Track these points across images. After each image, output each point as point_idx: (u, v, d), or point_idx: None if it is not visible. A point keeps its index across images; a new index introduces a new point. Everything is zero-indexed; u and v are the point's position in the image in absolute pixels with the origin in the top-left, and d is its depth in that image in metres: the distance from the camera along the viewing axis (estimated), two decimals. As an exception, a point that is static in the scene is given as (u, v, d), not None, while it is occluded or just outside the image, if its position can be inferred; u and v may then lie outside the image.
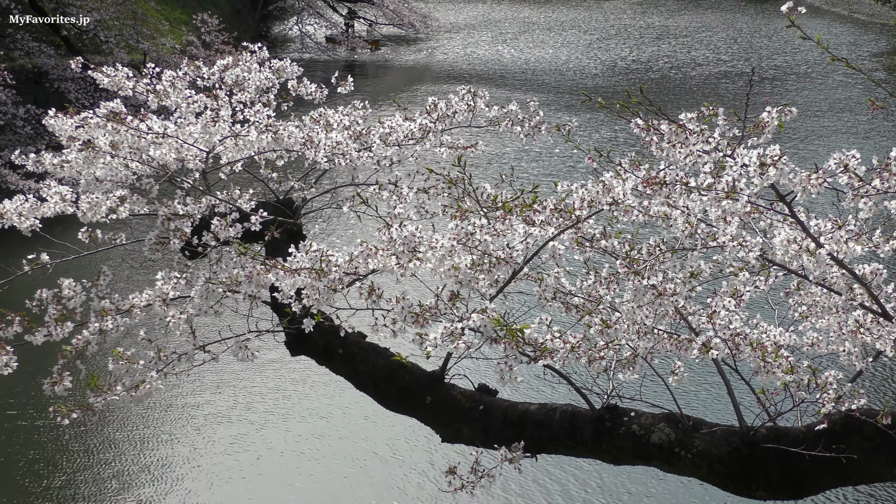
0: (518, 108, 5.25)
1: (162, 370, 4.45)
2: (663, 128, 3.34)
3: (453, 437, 4.58)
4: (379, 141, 5.01)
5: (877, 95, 22.65)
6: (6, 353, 4.14)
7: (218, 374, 11.79)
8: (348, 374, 4.90)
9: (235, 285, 4.30)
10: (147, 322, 4.58)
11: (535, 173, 19.57)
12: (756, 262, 3.51)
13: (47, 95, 18.96)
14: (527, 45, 39.25)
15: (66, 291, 4.44)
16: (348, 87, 5.73)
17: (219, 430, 10.93)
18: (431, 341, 3.49)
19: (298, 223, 5.28)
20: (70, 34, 21.05)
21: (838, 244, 3.28)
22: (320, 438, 10.73)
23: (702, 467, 3.98)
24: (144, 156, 4.73)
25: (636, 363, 3.98)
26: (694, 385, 10.76)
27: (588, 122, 23.76)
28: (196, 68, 5.28)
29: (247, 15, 37.83)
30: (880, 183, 3.11)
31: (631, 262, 3.63)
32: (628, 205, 3.67)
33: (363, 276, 3.93)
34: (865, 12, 43.92)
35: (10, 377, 4.27)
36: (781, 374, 3.58)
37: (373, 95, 6.31)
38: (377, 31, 43.12)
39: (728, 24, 43.31)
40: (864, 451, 3.71)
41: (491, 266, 3.79)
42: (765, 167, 3.14)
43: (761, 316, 4.17)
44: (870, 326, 3.84)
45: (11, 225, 4.53)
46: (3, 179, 15.55)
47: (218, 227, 4.64)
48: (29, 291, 4.44)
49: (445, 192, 4.49)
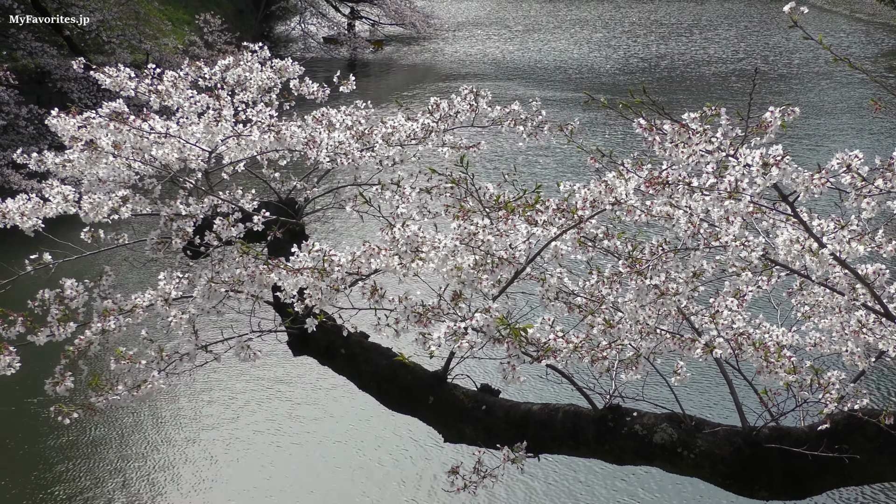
0: (520, 108, 5.25)
1: (164, 370, 4.45)
2: (666, 127, 3.33)
3: (456, 437, 4.58)
4: (381, 141, 5.01)
5: (880, 96, 22.56)
6: (9, 354, 4.14)
7: (218, 374, 11.79)
8: (351, 374, 4.91)
9: (238, 285, 4.30)
10: (149, 322, 4.58)
11: (540, 172, 19.56)
12: (759, 262, 3.50)
13: (50, 95, 18.99)
14: (534, 43, 39.20)
15: (68, 291, 4.45)
16: (350, 87, 5.74)
17: (218, 431, 10.93)
18: (435, 341, 3.49)
19: (301, 223, 5.28)
20: (72, 34, 21.06)
21: (841, 244, 3.27)
22: (322, 439, 10.73)
23: (704, 467, 3.98)
24: (147, 156, 4.73)
25: (639, 363, 3.98)
26: (696, 385, 10.75)
27: (599, 120, 23.75)
28: (198, 68, 5.28)
29: (249, 15, 37.83)
30: (883, 183, 3.11)
31: (633, 262, 3.63)
32: (631, 205, 3.66)
33: (366, 276, 3.92)
34: (867, 12, 43.91)
35: (12, 377, 4.27)
36: (784, 374, 3.58)
37: (375, 95, 6.36)
38: (379, 30, 43.14)
39: (747, 18, 43.14)
40: (866, 452, 3.71)
41: (493, 266, 3.79)
42: (767, 167, 3.14)
43: (764, 316, 4.16)
44: (872, 326, 3.84)
45: (14, 225, 4.53)
46: (6, 179, 15.58)
47: (220, 226, 4.64)
48: (31, 291, 4.44)
49: (448, 192, 4.49)
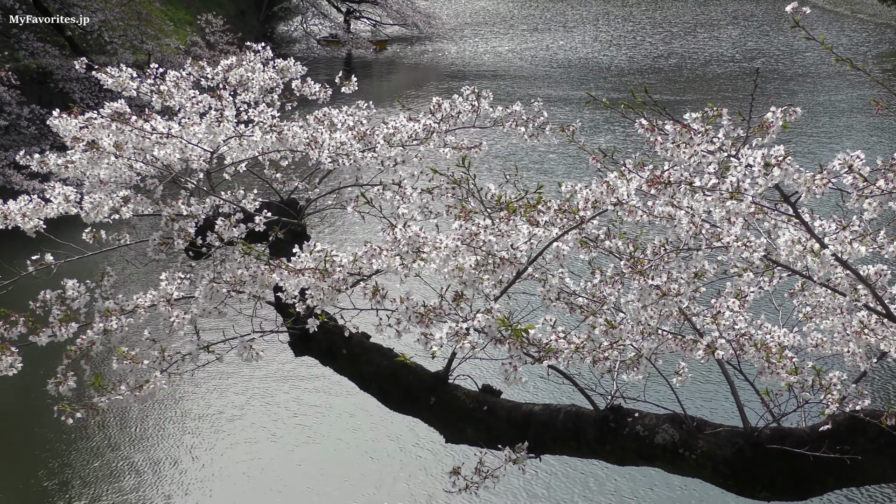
0: (522, 109, 5.24)
1: (166, 370, 4.45)
2: (668, 128, 3.33)
3: (457, 437, 4.58)
4: (383, 141, 5.01)
5: (881, 96, 22.59)
6: (11, 354, 4.14)
7: (218, 374, 11.79)
8: (352, 374, 4.90)
9: (240, 285, 4.30)
10: (151, 322, 4.59)
11: (551, 169, 19.55)
12: (760, 263, 3.50)
13: (52, 96, 18.99)
14: (539, 42, 39.12)
15: (70, 292, 4.44)
16: (352, 88, 5.74)
17: (218, 432, 10.93)
18: (437, 341, 3.49)
19: (302, 223, 5.28)
20: (74, 34, 21.07)
21: (843, 245, 3.27)
22: (322, 439, 10.73)
23: (706, 468, 3.98)
24: (148, 156, 4.73)
25: (640, 364, 3.97)
26: (698, 386, 10.74)
27: (609, 120, 23.73)
28: (200, 68, 5.28)
29: (251, 15, 37.87)
30: (885, 183, 3.10)
31: (635, 263, 3.63)
32: (632, 205, 3.66)
33: (367, 277, 3.92)
34: (868, 12, 43.90)
35: (14, 377, 4.27)
36: (785, 375, 3.58)
37: (377, 95, 6.36)
38: (381, 31, 43.14)
39: (757, 17, 43.00)
40: (868, 452, 3.71)
41: (495, 267, 3.78)
42: (769, 167, 3.14)
43: (765, 316, 4.16)
44: (874, 327, 3.84)
45: (16, 225, 4.53)
46: (8, 180, 15.59)
47: (222, 227, 4.64)
48: (33, 292, 4.44)
49: (449, 193, 4.49)
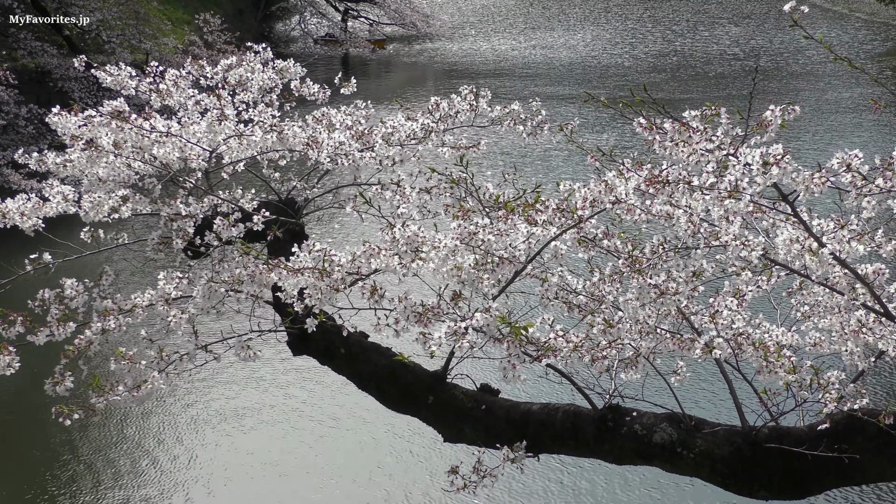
0: (520, 108, 5.24)
1: (164, 370, 4.45)
2: (666, 126, 3.33)
3: (455, 436, 4.58)
4: (381, 141, 5.01)
5: (880, 95, 22.55)
6: (9, 354, 4.14)
7: (218, 374, 11.78)
8: (350, 373, 4.91)
9: (238, 285, 4.30)
10: (149, 322, 4.58)
11: (555, 167, 19.55)
12: (758, 262, 3.50)
13: (50, 95, 18.96)
14: (540, 39, 39.07)
15: (68, 291, 4.44)
16: (352, 89, 5.75)
17: (218, 432, 10.93)
18: (435, 340, 3.49)
19: (301, 223, 5.28)
20: (72, 34, 21.06)
21: (841, 244, 3.27)
22: (322, 439, 10.73)
23: (704, 467, 3.98)
24: (147, 155, 4.73)
25: (638, 363, 3.98)
26: (696, 385, 10.75)
27: (608, 118, 23.74)
28: (200, 67, 5.28)
29: (249, 14, 37.84)
30: (883, 182, 3.10)
31: (634, 262, 3.63)
32: (631, 204, 3.66)
33: (366, 276, 3.92)
34: (865, 11, 43.95)
35: (13, 377, 4.27)
36: (784, 374, 3.58)
37: (375, 95, 6.36)
38: (379, 30, 43.14)
39: (760, 15, 42.98)
40: (866, 451, 3.71)
41: (493, 266, 3.78)
42: (767, 166, 3.14)
43: (764, 316, 4.16)
44: (872, 326, 3.84)
45: (14, 224, 4.53)
46: (6, 179, 15.58)
47: (220, 226, 4.64)
48: (31, 291, 4.44)
49: (448, 192, 4.49)
